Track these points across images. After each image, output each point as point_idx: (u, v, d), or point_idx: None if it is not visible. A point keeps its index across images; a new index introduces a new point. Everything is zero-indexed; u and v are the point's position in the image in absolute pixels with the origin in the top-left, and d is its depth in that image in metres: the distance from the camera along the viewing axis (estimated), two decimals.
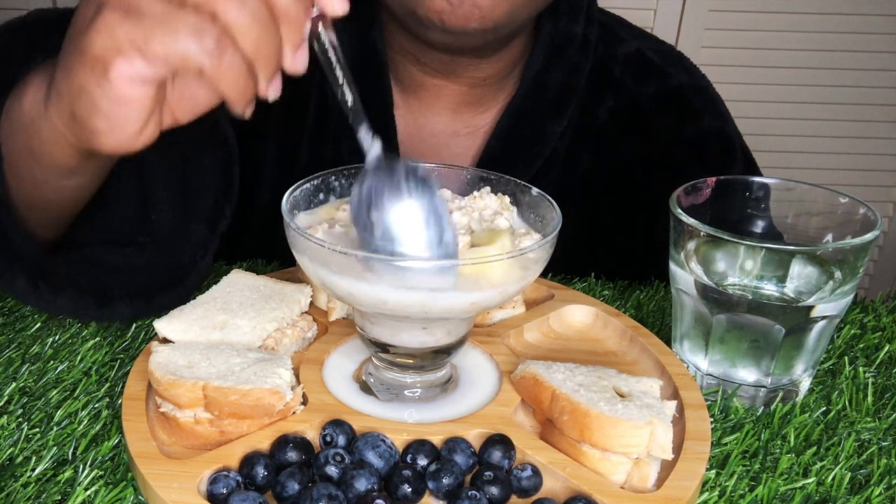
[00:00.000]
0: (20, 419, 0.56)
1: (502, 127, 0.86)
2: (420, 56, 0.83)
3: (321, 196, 0.58)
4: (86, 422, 0.56)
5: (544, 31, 0.86)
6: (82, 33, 0.47)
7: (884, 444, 0.58)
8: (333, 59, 0.49)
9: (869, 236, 0.57)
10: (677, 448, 0.51)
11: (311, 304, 0.64)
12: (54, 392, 0.59)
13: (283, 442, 0.50)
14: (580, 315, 0.68)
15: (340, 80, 0.50)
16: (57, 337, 0.66)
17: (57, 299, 0.63)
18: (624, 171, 0.92)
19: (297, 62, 0.47)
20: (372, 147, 0.52)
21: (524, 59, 0.88)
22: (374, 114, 0.85)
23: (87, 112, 0.49)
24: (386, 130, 0.85)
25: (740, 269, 0.60)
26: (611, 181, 0.92)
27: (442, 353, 0.56)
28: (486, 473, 0.49)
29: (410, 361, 0.56)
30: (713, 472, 0.54)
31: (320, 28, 0.48)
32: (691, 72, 0.96)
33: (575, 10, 0.87)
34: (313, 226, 0.54)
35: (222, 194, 0.68)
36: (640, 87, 0.91)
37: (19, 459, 0.53)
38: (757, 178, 0.65)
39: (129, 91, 0.47)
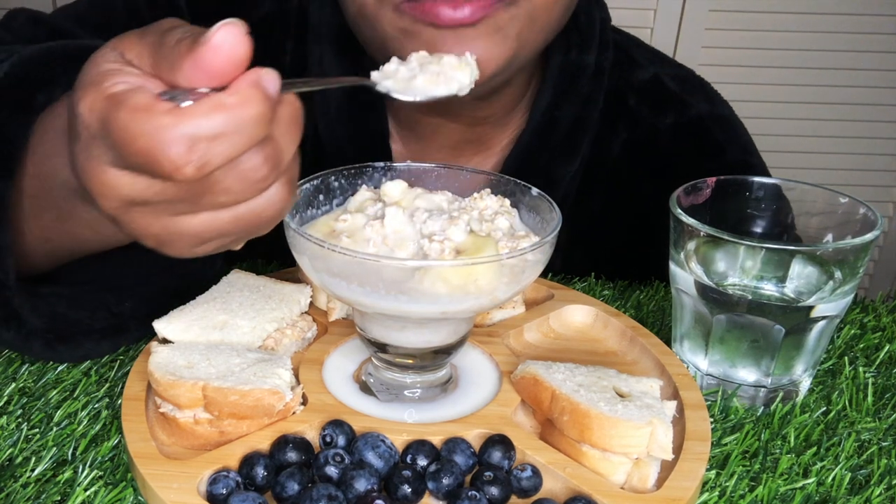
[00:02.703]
0: (20, 419, 0.56)
1: (507, 171, 0.78)
2: None
3: (321, 197, 0.58)
4: (85, 422, 0.56)
5: (553, 62, 0.80)
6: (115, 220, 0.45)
7: (884, 444, 0.58)
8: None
9: (869, 236, 0.57)
10: (677, 448, 0.51)
11: (311, 304, 0.64)
12: (54, 392, 0.59)
13: (282, 442, 0.50)
14: (580, 315, 0.68)
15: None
16: None
17: (77, 354, 0.62)
18: (640, 213, 0.85)
19: None
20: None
21: (531, 93, 0.82)
22: (371, 149, 0.81)
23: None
24: None
25: (740, 269, 0.60)
26: (625, 224, 0.86)
27: (442, 353, 0.56)
28: (486, 474, 0.49)
29: (410, 361, 0.56)
30: (713, 472, 0.54)
31: None
32: (712, 100, 0.89)
33: (587, 39, 0.81)
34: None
35: None
36: (657, 118, 0.85)
37: (19, 460, 0.53)
38: (757, 178, 0.65)
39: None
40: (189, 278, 0.65)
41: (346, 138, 0.82)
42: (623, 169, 0.86)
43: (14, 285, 0.57)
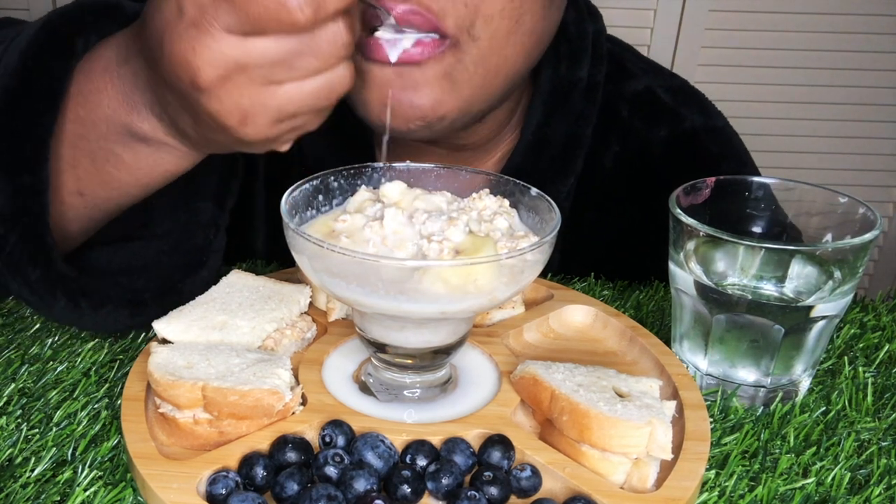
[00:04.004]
0: (19, 420, 0.56)
1: None
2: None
3: (320, 198, 0.58)
4: (85, 422, 0.56)
5: (543, 78, 0.77)
6: (203, 94, 0.50)
7: (883, 444, 0.58)
8: None
9: (868, 236, 0.57)
10: (677, 448, 0.51)
11: (311, 304, 0.64)
12: (53, 393, 0.59)
13: (282, 442, 0.50)
14: (580, 315, 0.68)
15: None
16: (56, 338, 0.66)
17: (97, 316, 0.62)
18: (634, 227, 0.84)
19: None
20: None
21: (520, 110, 0.80)
22: (355, 160, 0.81)
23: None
24: None
25: (740, 269, 0.60)
26: (620, 237, 0.85)
27: (441, 354, 0.56)
28: (486, 474, 0.49)
29: (410, 362, 0.56)
30: (713, 472, 0.54)
31: None
32: (706, 111, 0.88)
33: (577, 52, 0.79)
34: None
35: (227, 169, 0.67)
36: (650, 131, 0.84)
37: (18, 460, 0.53)
38: (756, 178, 0.65)
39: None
40: (196, 253, 0.66)
41: (329, 152, 0.80)
42: (616, 182, 0.84)
43: (48, 221, 0.59)
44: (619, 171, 0.84)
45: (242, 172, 0.69)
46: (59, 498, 0.50)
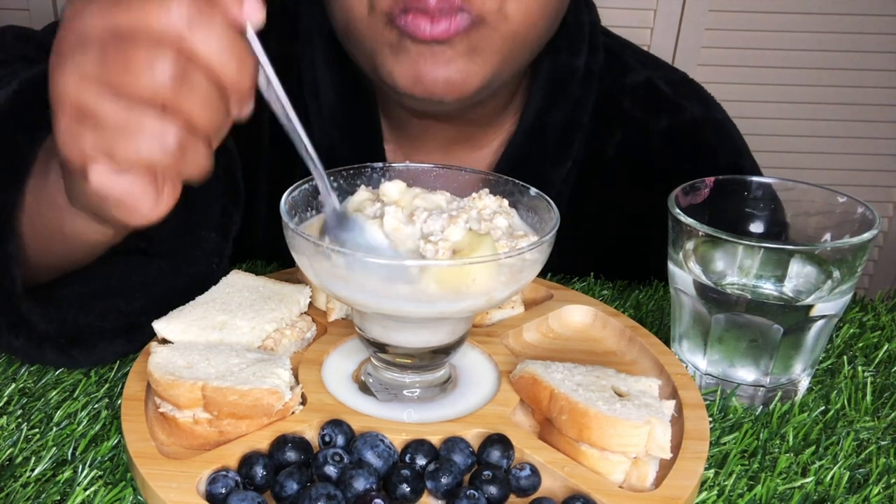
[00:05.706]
0: (20, 419, 0.56)
1: (500, 172, 0.81)
2: (402, 102, 0.79)
3: (320, 198, 0.58)
4: (85, 422, 0.56)
5: (542, 67, 0.81)
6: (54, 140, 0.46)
7: (882, 443, 0.58)
8: (282, 110, 0.48)
9: (867, 236, 0.57)
10: (676, 447, 0.51)
11: (310, 304, 0.64)
12: (54, 392, 0.59)
13: (281, 442, 0.50)
14: (579, 315, 0.68)
15: (297, 129, 0.49)
16: None
17: (92, 357, 0.61)
18: (634, 215, 0.85)
19: (244, 115, 0.47)
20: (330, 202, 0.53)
21: (521, 94, 0.83)
22: (364, 149, 0.82)
23: (96, 207, 0.48)
24: None
25: (739, 269, 0.60)
26: (621, 226, 0.87)
27: (441, 353, 0.56)
28: (485, 473, 0.49)
29: (409, 361, 0.56)
30: (712, 471, 0.54)
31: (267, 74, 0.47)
32: (706, 103, 0.90)
33: (575, 42, 0.82)
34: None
35: (230, 200, 0.67)
36: (651, 121, 0.86)
37: (19, 460, 0.53)
38: (756, 178, 0.66)
39: (116, 186, 0.45)
40: (197, 278, 0.65)
41: (340, 139, 0.82)
42: (617, 171, 0.86)
43: (21, 293, 0.57)
44: (620, 159, 0.86)
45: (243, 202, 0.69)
46: (59, 497, 0.50)
